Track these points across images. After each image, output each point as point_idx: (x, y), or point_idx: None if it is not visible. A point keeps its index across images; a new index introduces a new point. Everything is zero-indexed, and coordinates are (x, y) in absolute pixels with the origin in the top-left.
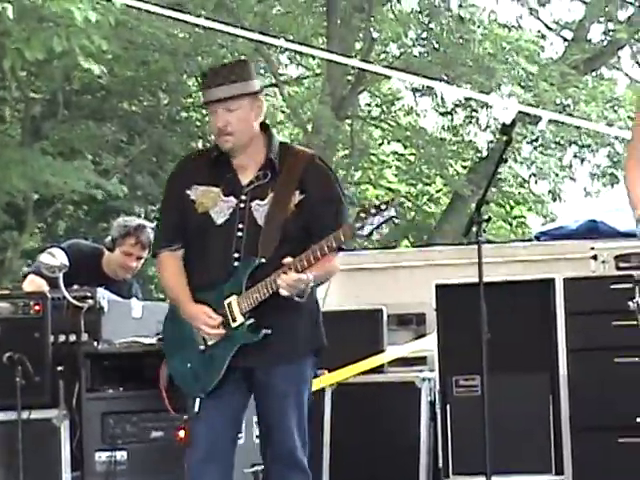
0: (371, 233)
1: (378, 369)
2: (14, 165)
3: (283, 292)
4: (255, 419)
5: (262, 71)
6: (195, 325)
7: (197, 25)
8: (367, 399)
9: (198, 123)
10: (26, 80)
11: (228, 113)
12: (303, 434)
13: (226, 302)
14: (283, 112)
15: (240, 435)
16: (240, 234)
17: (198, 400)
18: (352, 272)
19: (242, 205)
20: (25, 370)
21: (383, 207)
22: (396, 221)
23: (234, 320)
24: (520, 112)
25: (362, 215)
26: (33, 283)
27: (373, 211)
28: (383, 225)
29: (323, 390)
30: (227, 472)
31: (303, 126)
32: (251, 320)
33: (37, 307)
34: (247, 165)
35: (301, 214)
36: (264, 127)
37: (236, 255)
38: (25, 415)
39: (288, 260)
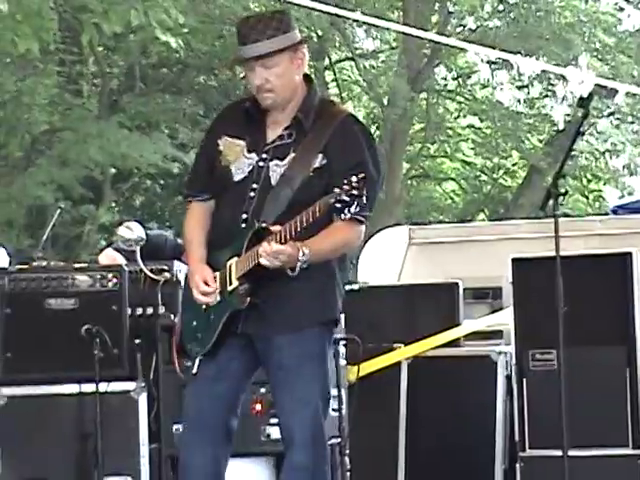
0: (342, 210)
1: (454, 343)
2: (92, 139)
3: (264, 262)
4: (333, 392)
5: (338, 44)
6: (190, 285)
7: None
8: (443, 373)
9: None
10: (103, 55)
11: (266, 70)
12: (307, 412)
13: (228, 264)
14: (359, 86)
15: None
16: (252, 194)
17: (197, 360)
18: (428, 246)
19: (261, 164)
20: (103, 343)
21: (355, 184)
22: (364, 201)
23: (230, 283)
24: (596, 85)
25: (336, 190)
26: (109, 256)
27: (346, 188)
28: (354, 205)
29: (399, 364)
30: (216, 443)
31: (379, 99)
32: (245, 286)
33: (114, 280)
34: (280, 121)
35: (319, 180)
36: (307, 80)
37: (244, 216)
38: (103, 388)
39: (275, 228)
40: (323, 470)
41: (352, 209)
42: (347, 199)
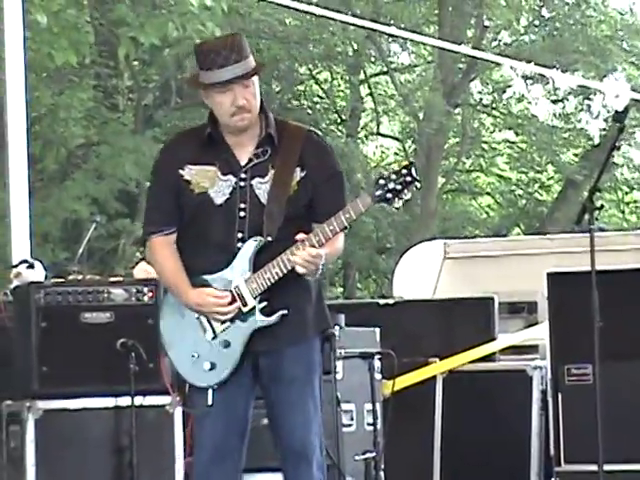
0: (392, 199)
1: (489, 357)
2: (127, 153)
3: (300, 270)
4: (367, 406)
5: (373, 59)
6: (204, 310)
7: (308, 13)
8: (478, 387)
9: (309, 111)
10: (139, 69)
11: (246, 90)
12: (318, 424)
13: (233, 286)
14: (394, 100)
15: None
16: (243, 214)
17: (211, 391)
18: (463, 260)
19: (242, 184)
20: (138, 356)
21: (404, 172)
22: (417, 185)
23: (245, 304)
24: (633, 99)
25: (381, 182)
26: (143, 270)
27: (393, 177)
28: (405, 190)
29: (434, 378)
30: (236, 470)
31: (414, 114)
32: (264, 303)
33: (150, 294)
34: (244, 142)
35: (303, 192)
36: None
37: (239, 235)
38: (139, 401)
39: (302, 236)
40: None
41: (405, 195)
42: (399, 187)
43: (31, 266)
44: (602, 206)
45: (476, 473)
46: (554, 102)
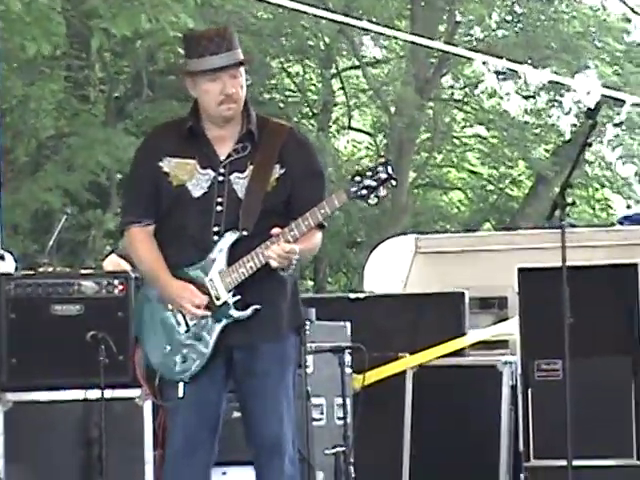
0: (367, 196)
1: (459, 352)
2: (98, 144)
3: (274, 264)
4: (338, 400)
5: (345, 53)
6: (179, 304)
7: (281, 6)
8: (448, 382)
9: (281, 104)
10: (110, 61)
11: (234, 80)
12: (291, 419)
13: (207, 279)
14: (366, 94)
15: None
16: (220, 208)
17: (182, 385)
18: (434, 255)
19: (221, 178)
20: (108, 349)
21: (379, 169)
22: (393, 183)
23: (218, 298)
24: (604, 95)
25: (357, 178)
26: (113, 262)
27: (369, 173)
28: (380, 187)
29: (404, 372)
30: (207, 463)
31: (386, 108)
32: (237, 297)
33: (121, 287)
34: (225, 137)
35: (282, 188)
36: None
37: (216, 229)
38: (108, 394)
39: (277, 230)
40: None
41: (380, 192)
42: (374, 184)
43: (1, 257)
44: (573, 202)
45: (445, 468)
46: (526, 98)
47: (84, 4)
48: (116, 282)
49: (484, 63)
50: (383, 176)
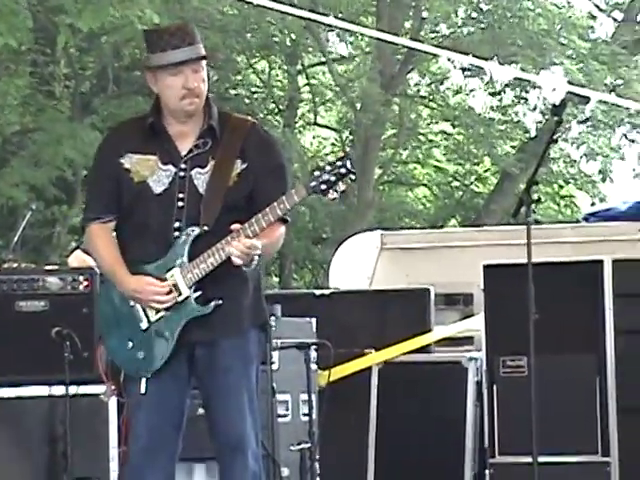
0: (327, 190)
1: (425, 348)
2: (65, 140)
3: (235, 260)
4: (303, 397)
5: (311, 49)
6: (141, 298)
7: (247, 2)
8: (414, 378)
9: (247, 100)
10: (76, 56)
11: (196, 74)
12: (254, 415)
13: (168, 275)
14: (332, 90)
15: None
16: (181, 204)
17: (144, 380)
18: (400, 251)
19: (182, 174)
20: (73, 345)
21: (338, 164)
22: (352, 177)
23: (179, 293)
24: (569, 92)
25: (316, 173)
26: (78, 258)
27: (328, 168)
28: (339, 182)
29: (370, 369)
30: (171, 460)
31: (352, 104)
32: (198, 292)
33: (86, 283)
34: (186, 132)
35: (243, 183)
36: None
37: (177, 225)
38: (73, 390)
39: (237, 226)
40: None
41: (339, 187)
42: (333, 178)
43: None
44: (539, 199)
45: (411, 464)
46: (491, 95)
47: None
48: (81, 278)
49: (450, 60)
50: (342, 171)
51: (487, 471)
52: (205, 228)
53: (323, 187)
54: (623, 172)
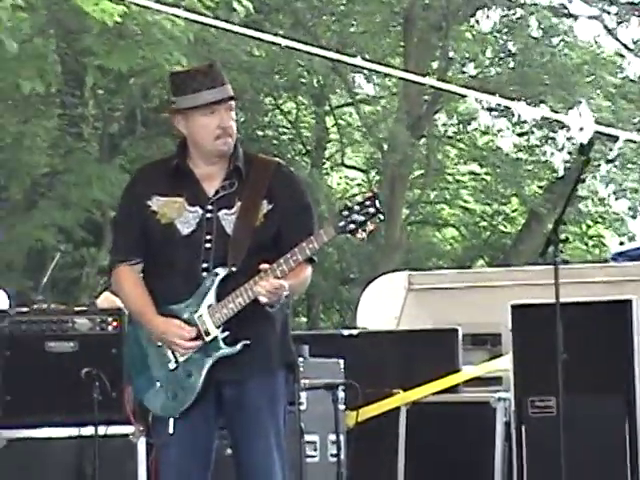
0: (355, 230)
1: (453, 389)
2: (93, 181)
3: (263, 299)
4: (331, 437)
5: (338, 90)
6: (167, 340)
7: (274, 43)
8: (442, 419)
9: (274, 141)
10: (104, 98)
11: (229, 113)
12: (282, 456)
13: (196, 315)
14: (359, 131)
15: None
16: (208, 245)
17: (172, 421)
18: (427, 292)
19: (209, 215)
20: (102, 386)
21: (367, 203)
22: (381, 217)
23: (207, 334)
24: (597, 132)
25: (345, 213)
26: (108, 300)
27: (357, 208)
28: (368, 222)
29: (398, 409)
30: None
31: (379, 145)
32: (226, 332)
33: (114, 323)
34: (213, 174)
35: (270, 224)
36: None
37: (204, 265)
38: (102, 431)
39: (266, 266)
40: None
41: (368, 227)
42: (362, 218)
43: None
44: (567, 239)
45: None
46: (519, 135)
47: (78, 43)
48: (110, 319)
49: (477, 100)
50: (371, 210)
51: None
52: (233, 269)
53: (351, 227)
54: None
